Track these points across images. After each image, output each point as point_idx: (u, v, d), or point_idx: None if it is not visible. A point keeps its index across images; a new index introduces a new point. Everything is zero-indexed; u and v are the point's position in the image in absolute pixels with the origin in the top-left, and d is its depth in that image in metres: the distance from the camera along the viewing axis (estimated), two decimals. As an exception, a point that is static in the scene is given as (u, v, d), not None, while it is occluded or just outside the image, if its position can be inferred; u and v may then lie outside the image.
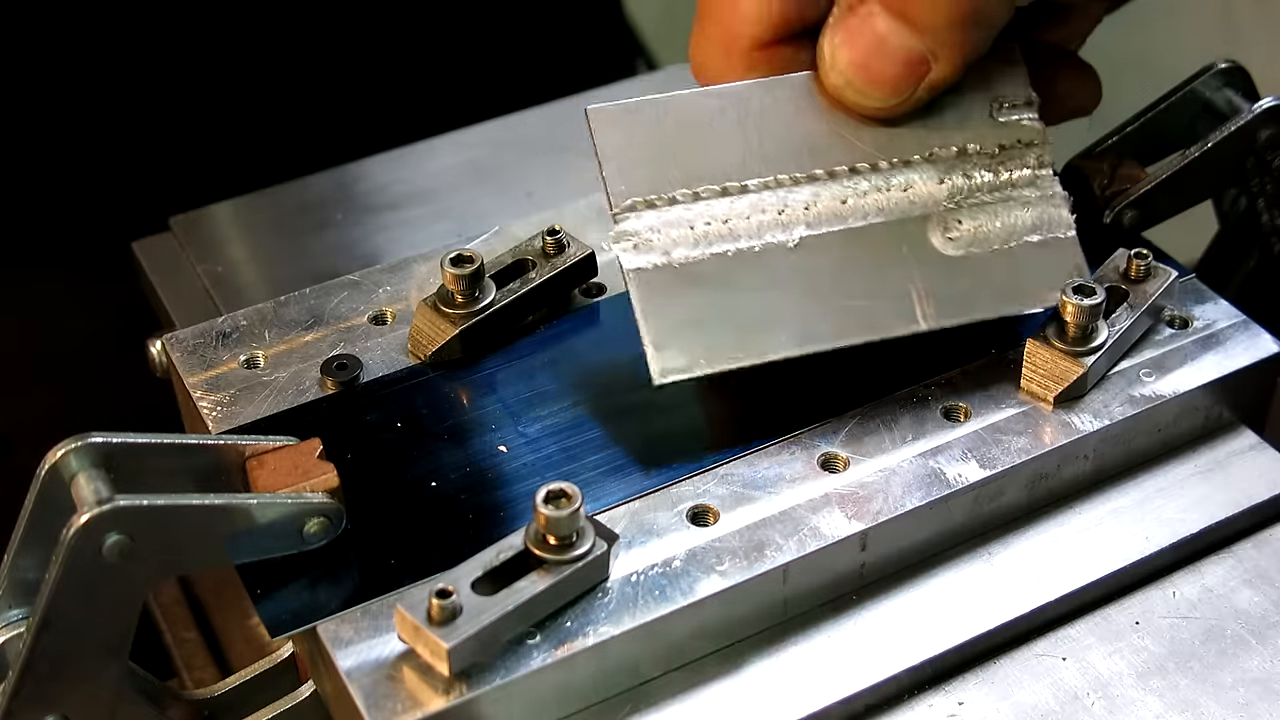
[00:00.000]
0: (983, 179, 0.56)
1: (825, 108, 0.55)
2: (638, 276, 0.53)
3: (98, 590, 0.47)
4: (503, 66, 1.03)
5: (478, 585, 0.47)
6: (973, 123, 0.56)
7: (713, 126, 0.55)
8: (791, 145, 0.55)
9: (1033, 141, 0.57)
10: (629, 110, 0.54)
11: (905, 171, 0.55)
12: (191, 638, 0.71)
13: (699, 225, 0.54)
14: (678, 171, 0.54)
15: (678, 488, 0.53)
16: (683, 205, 0.54)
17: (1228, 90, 0.63)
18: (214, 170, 0.92)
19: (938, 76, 0.54)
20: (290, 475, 0.51)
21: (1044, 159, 0.56)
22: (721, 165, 0.54)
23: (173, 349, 0.59)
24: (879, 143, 0.55)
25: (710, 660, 0.51)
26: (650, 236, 0.53)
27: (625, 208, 0.53)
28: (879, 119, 0.55)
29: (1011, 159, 0.56)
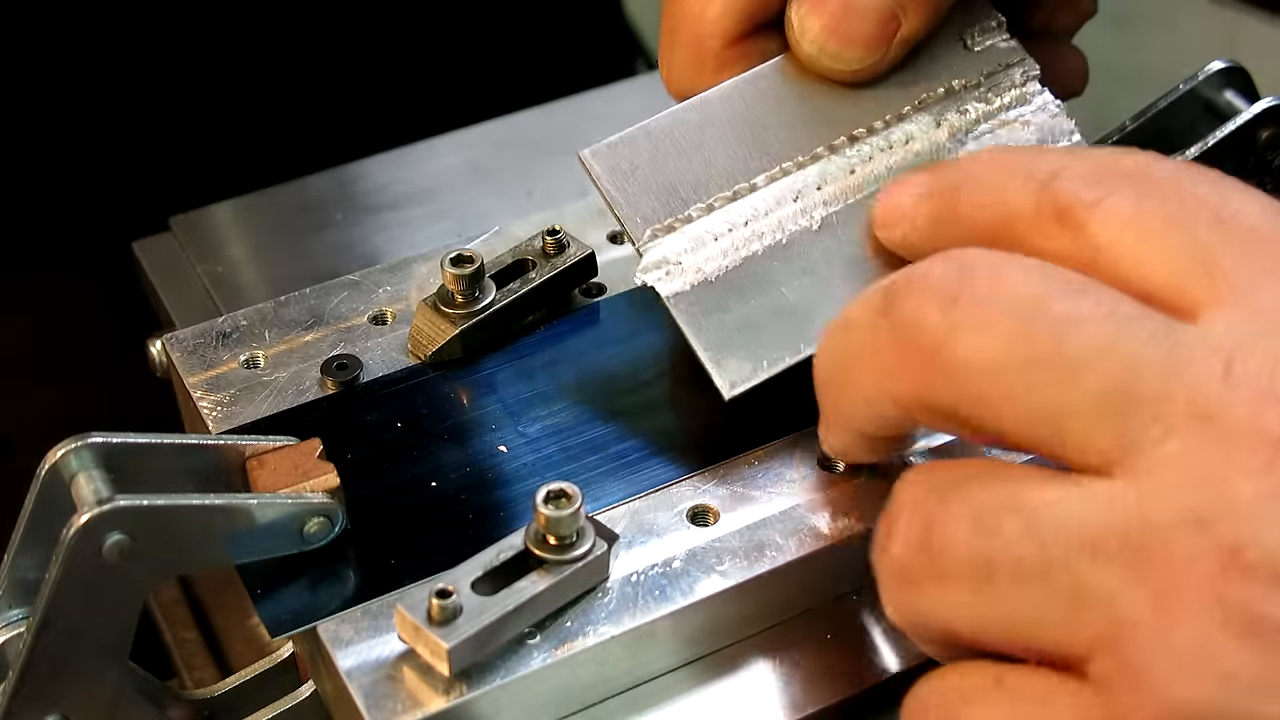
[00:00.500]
0: (977, 110, 0.56)
1: (807, 86, 0.55)
2: (678, 301, 0.53)
3: (98, 590, 0.47)
4: (503, 66, 1.03)
5: (478, 585, 0.47)
6: (950, 60, 0.56)
7: (705, 136, 0.55)
8: (786, 132, 0.55)
9: (1012, 61, 0.57)
10: (621, 144, 0.55)
11: (901, 125, 0.55)
12: (191, 638, 0.71)
13: (722, 235, 0.54)
14: (686, 189, 0.54)
15: (678, 488, 0.53)
16: (700, 220, 0.54)
17: (1228, 90, 0.63)
18: (214, 170, 0.92)
19: (908, 31, 0.54)
20: (290, 475, 0.51)
21: (1029, 73, 0.57)
22: (726, 171, 0.55)
23: (173, 349, 0.59)
24: (867, 106, 0.56)
25: (711, 660, 0.51)
26: (679, 259, 0.53)
27: (647, 239, 0.54)
28: (859, 82, 0.55)
29: (998, 83, 0.56)
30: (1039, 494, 0.40)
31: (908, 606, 0.43)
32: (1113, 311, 0.40)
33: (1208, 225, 0.41)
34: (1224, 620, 0.37)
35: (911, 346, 0.42)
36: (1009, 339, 0.40)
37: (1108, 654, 0.38)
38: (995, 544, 0.40)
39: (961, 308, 0.41)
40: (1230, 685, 0.36)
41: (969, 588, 0.40)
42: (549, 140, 0.75)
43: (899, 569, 0.42)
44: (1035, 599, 0.39)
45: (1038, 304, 0.40)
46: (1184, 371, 0.39)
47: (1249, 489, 0.37)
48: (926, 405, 0.42)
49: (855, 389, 0.45)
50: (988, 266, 0.42)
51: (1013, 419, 0.40)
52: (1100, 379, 0.39)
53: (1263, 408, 0.38)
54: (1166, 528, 0.38)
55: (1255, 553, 0.37)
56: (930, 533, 0.41)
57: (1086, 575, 0.38)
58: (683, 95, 0.56)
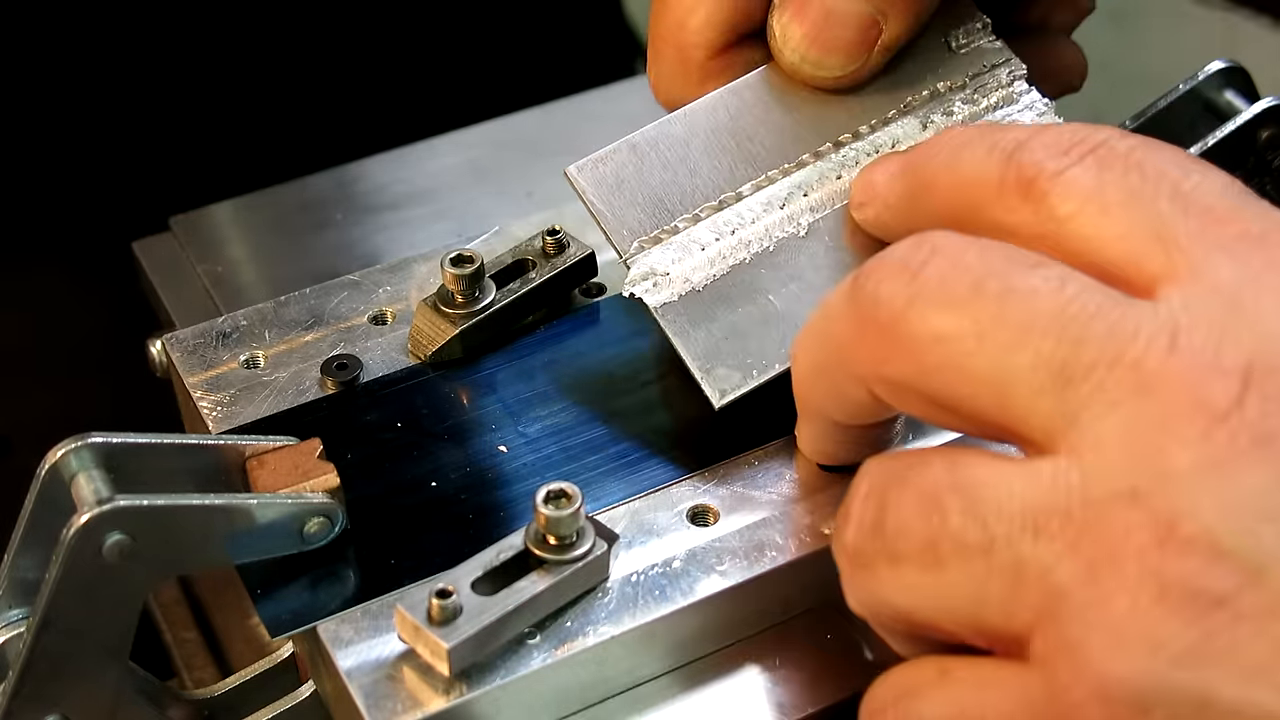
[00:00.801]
0: (964, 111, 0.56)
1: (791, 94, 0.56)
2: (666, 312, 0.53)
3: (98, 590, 0.47)
4: (503, 66, 1.03)
5: (478, 585, 0.47)
6: (935, 63, 0.57)
7: (691, 147, 0.55)
8: (772, 141, 0.55)
9: (998, 61, 0.57)
10: (606, 158, 0.55)
11: (887, 129, 0.56)
12: (191, 638, 0.71)
13: (709, 244, 0.54)
14: (672, 201, 0.55)
15: (678, 488, 0.53)
16: (687, 230, 0.54)
17: (1228, 90, 0.63)
18: (214, 170, 0.92)
19: (890, 37, 0.54)
20: (290, 475, 0.51)
21: (1015, 73, 0.57)
22: (712, 181, 0.55)
23: (173, 349, 0.59)
24: (852, 111, 0.56)
25: (711, 660, 0.51)
26: (666, 270, 0.54)
27: (634, 251, 0.54)
28: (842, 89, 0.55)
29: (984, 84, 0.56)
30: (983, 474, 0.40)
31: (865, 591, 0.43)
32: (1062, 284, 0.40)
33: (1169, 198, 0.42)
34: (1160, 594, 0.37)
35: (870, 321, 0.43)
36: (960, 309, 0.41)
37: (1046, 631, 0.38)
38: (939, 524, 0.40)
39: (919, 282, 0.42)
40: (1166, 658, 0.36)
41: (918, 569, 0.41)
42: (549, 140, 0.75)
43: (854, 554, 0.43)
44: (979, 578, 0.39)
45: (989, 276, 0.41)
46: (1129, 344, 0.39)
47: (1186, 460, 0.37)
48: (886, 379, 0.43)
49: (822, 373, 0.46)
50: (949, 245, 0.42)
51: (963, 390, 0.41)
52: (1043, 348, 0.39)
53: (1205, 379, 0.38)
54: (1104, 502, 0.38)
55: (1191, 525, 0.37)
56: (883, 516, 0.42)
57: (1027, 553, 0.39)
58: (670, 103, 0.57)
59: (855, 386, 0.45)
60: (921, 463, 0.42)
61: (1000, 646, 0.40)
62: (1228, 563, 0.36)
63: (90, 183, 0.94)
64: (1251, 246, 0.40)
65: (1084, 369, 0.39)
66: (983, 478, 0.40)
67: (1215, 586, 0.36)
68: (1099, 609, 0.37)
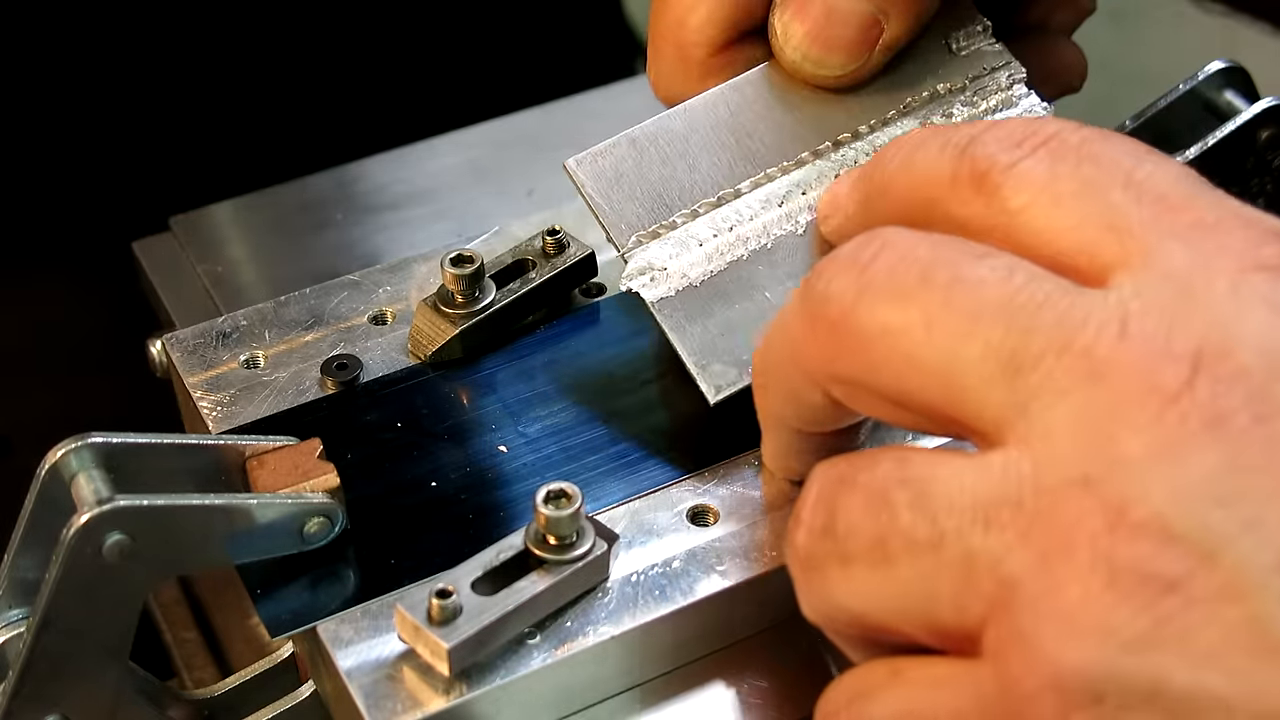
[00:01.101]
0: (963, 114, 0.56)
1: (792, 93, 0.56)
2: (662, 307, 0.53)
3: (98, 590, 0.47)
4: (503, 66, 1.03)
5: (478, 585, 0.47)
6: (935, 64, 0.57)
7: (690, 143, 0.55)
8: (771, 138, 0.55)
9: (998, 64, 0.57)
10: (605, 151, 0.55)
11: (886, 130, 0.56)
12: (191, 638, 0.71)
13: (707, 240, 0.54)
14: (671, 196, 0.54)
15: (678, 488, 0.53)
16: (685, 226, 0.54)
17: (1228, 90, 0.63)
18: (214, 170, 0.92)
19: (891, 36, 0.54)
20: (290, 475, 0.51)
21: (1015, 76, 0.57)
22: (711, 177, 0.55)
23: (173, 349, 0.59)
24: (852, 111, 0.56)
25: (711, 660, 0.51)
26: (664, 265, 0.54)
27: (631, 245, 0.54)
28: (843, 88, 0.55)
29: (984, 86, 0.56)
30: (932, 469, 0.40)
31: (817, 597, 0.42)
32: (1010, 273, 0.40)
33: (1121, 188, 0.41)
34: (1111, 580, 0.36)
35: (821, 318, 0.42)
36: (907, 301, 0.41)
37: (998, 623, 0.38)
38: (888, 521, 0.40)
39: (867, 276, 0.41)
40: (1118, 645, 0.36)
41: (869, 568, 0.40)
42: (549, 140, 0.75)
43: (806, 558, 0.42)
44: (930, 574, 0.39)
45: (937, 267, 0.41)
46: (1078, 332, 0.38)
47: (1136, 445, 0.37)
48: (838, 378, 0.43)
49: (778, 378, 0.46)
50: (898, 239, 0.42)
51: (912, 382, 0.40)
52: (992, 337, 0.39)
53: (1156, 364, 0.37)
54: (1055, 490, 0.37)
55: (1142, 510, 0.36)
56: (833, 518, 0.41)
57: (978, 546, 0.38)
58: (670, 100, 0.57)
59: (810, 389, 0.44)
60: (871, 462, 0.41)
61: (954, 645, 0.40)
62: (1179, 547, 0.36)
63: (90, 183, 0.94)
64: (1205, 234, 0.40)
65: (1033, 358, 0.39)
66: (932, 473, 0.40)
67: (1166, 571, 0.36)
68: (1051, 598, 0.37)
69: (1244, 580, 0.35)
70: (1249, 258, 0.39)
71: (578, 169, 0.55)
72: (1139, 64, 1.02)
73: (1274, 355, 0.37)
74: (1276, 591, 0.35)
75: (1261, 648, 0.35)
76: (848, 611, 0.42)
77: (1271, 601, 0.35)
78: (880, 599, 0.40)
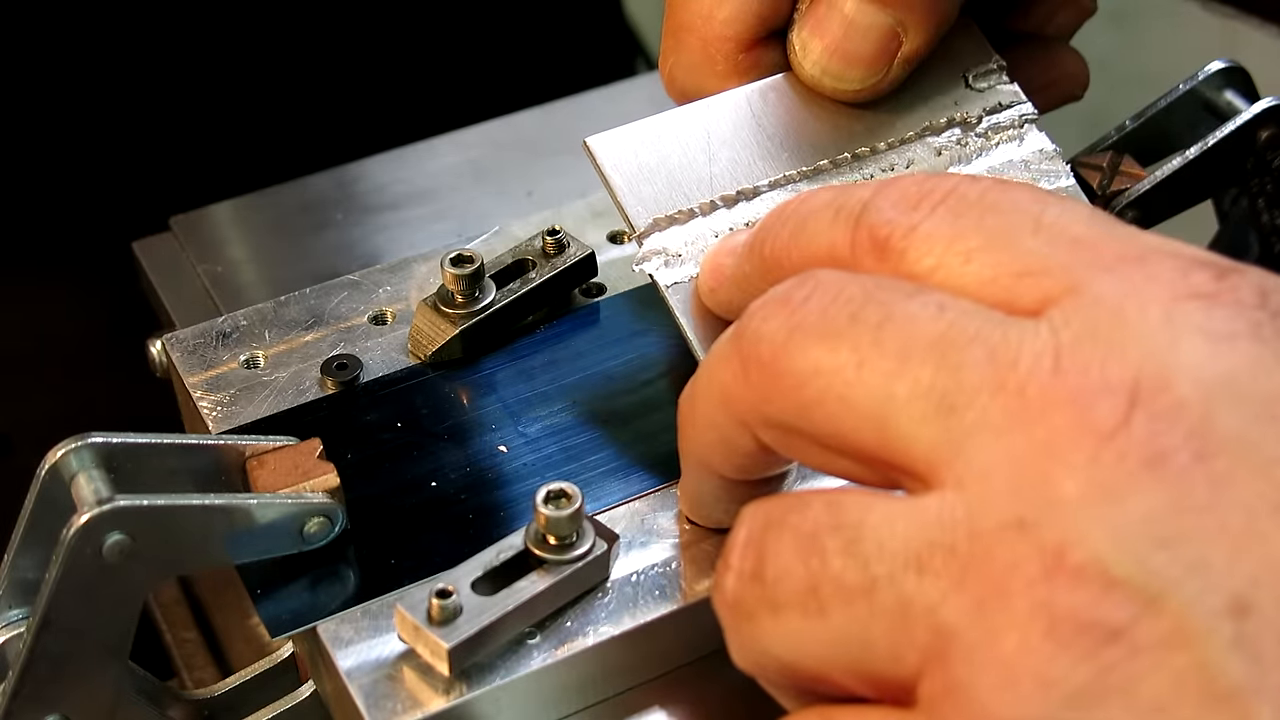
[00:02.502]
0: (976, 144, 0.56)
1: (813, 105, 0.56)
2: (675, 291, 0.53)
3: (98, 590, 0.47)
4: (503, 66, 1.03)
5: (478, 585, 0.47)
6: (954, 95, 0.57)
7: (711, 136, 0.55)
8: (792, 143, 0.55)
9: (1012, 102, 0.57)
10: (626, 134, 0.55)
11: (905, 149, 0.56)
12: (191, 638, 0.71)
13: (722, 233, 0.54)
14: (689, 185, 0.54)
15: (678, 488, 0.53)
16: (702, 218, 0.54)
17: (1228, 90, 0.63)
18: (214, 170, 0.92)
19: (910, 49, 0.53)
20: (290, 475, 0.51)
21: (1027, 117, 0.57)
22: (730, 172, 0.55)
23: (173, 349, 0.59)
24: (872, 128, 0.56)
25: (710, 660, 0.51)
26: (679, 251, 0.53)
27: (647, 228, 0.53)
28: (861, 103, 0.55)
29: (998, 123, 0.57)
30: (863, 512, 0.39)
31: (747, 644, 0.41)
32: (941, 310, 0.39)
33: (1030, 233, 0.40)
34: (1049, 628, 0.35)
35: (753, 360, 0.41)
36: (838, 339, 0.40)
37: (933, 674, 0.37)
38: (819, 566, 0.38)
39: (799, 316, 0.40)
40: (1059, 698, 0.34)
41: (801, 616, 0.39)
42: (549, 140, 0.75)
43: (735, 604, 0.41)
44: (862, 621, 0.38)
45: (868, 306, 0.40)
46: (1010, 369, 0.37)
47: (1072, 487, 0.36)
48: (767, 419, 0.42)
49: (703, 416, 0.44)
50: (830, 280, 0.41)
51: (845, 423, 0.39)
52: (922, 376, 0.38)
53: (1090, 399, 0.36)
54: (990, 534, 0.36)
55: (1080, 554, 0.35)
56: (763, 563, 0.40)
57: (912, 592, 0.37)
58: (685, 96, 0.56)
59: (740, 433, 0.43)
60: (800, 505, 0.40)
61: (890, 695, 0.38)
62: (1120, 592, 0.34)
63: (90, 183, 0.94)
64: (1130, 265, 0.39)
65: (966, 396, 0.37)
66: (863, 517, 0.38)
67: (1108, 618, 0.34)
68: (987, 647, 0.35)
69: (1190, 626, 0.34)
70: (1180, 286, 0.38)
71: (598, 146, 0.54)
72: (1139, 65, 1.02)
73: (1211, 387, 0.36)
74: (1225, 637, 0.34)
75: (1210, 696, 0.34)
76: (779, 660, 0.40)
77: (1220, 648, 0.34)
78: (812, 647, 0.39)
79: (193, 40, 0.95)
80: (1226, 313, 0.38)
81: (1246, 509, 0.35)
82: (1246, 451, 0.36)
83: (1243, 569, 0.34)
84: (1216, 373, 0.36)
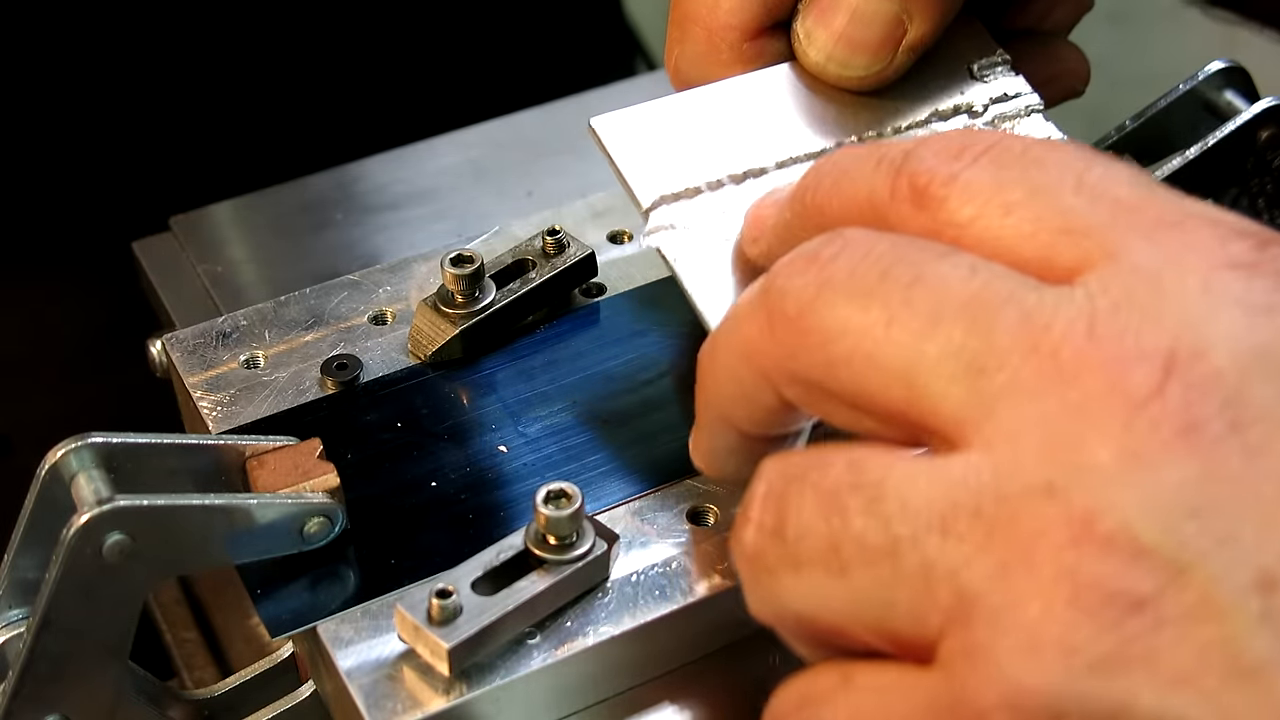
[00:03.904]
0: None
1: (819, 92, 0.55)
2: (681, 260, 0.52)
3: (98, 590, 0.47)
4: (503, 66, 1.03)
5: (478, 585, 0.47)
6: (959, 84, 0.57)
7: (716, 119, 0.55)
8: (797, 128, 0.55)
9: (1019, 92, 0.57)
10: (630, 115, 0.54)
11: (911, 136, 0.55)
12: (191, 638, 0.71)
13: (730, 209, 0.54)
14: (695, 164, 0.54)
15: (678, 488, 0.53)
16: (708, 194, 0.53)
17: (1228, 90, 0.63)
18: (214, 170, 0.92)
19: (915, 36, 0.53)
20: (290, 475, 0.51)
21: (1033, 107, 0.57)
22: (737, 152, 0.54)
23: (173, 349, 0.59)
24: (878, 115, 0.56)
25: (711, 660, 0.51)
26: (686, 225, 0.53)
27: (655, 202, 0.53)
28: (867, 90, 0.55)
29: (1005, 111, 0.56)
30: (886, 471, 0.38)
31: (766, 597, 0.41)
32: (973, 271, 0.39)
33: (1073, 191, 0.40)
34: (1073, 596, 0.34)
35: (779, 315, 0.41)
36: (868, 298, 0.39)
37: (955, 635, 0.36)
38: (841, 526, 0.38)
39: (828, 273, 0.40)
40: (1081, 666, 0.34)
41: (822, 574, 0.38)
42: (549, 140, 0.75)
43: (754, 557, 0.40)
44: (885, 581, 0.37)
45: (898, 266, 0.39)
46: (1044, 334, 0.37)
47: (1104, 453, 0.35)
48: (792, 375, 0.41)
49: (724, 369, 0.44)
50: (860, 238, 0.41)
51: (872, 382, 0.39)
52: (954, 336, 0.38)
53: (1125, 366, 0.36)
54: (1018, 498, 0.36)
55: (1109, 522, 0.35)
56: (783, 519, 0.39)
57: (935, 554, 0.36)
58: (689, 87, 0.56)
59: (763, 389, 0.42)
60: (822, 462, 0.39)
61: (910, 653, 0.38)
62: (1148, 562, 0.34)
63: (90, 183, 0.94)
64: (1169, 232, 0.38)
65: (998, 358, 0.37)
66: (886, 476, 0.38)
67: (1134, 588, 0.34)
68: (1010, 612, 0.35)
69: (1217, 599, 0.34)
70: (1218, 255, 0.38)
71: (601, 126, 0.54)
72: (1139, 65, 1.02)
73: (1248, 358, 0.36)
74: (1252, 612, 0.34)
75: (1234, 670, 0.34)
76: (797, 614, 0.40)
77: (1246, 623, 0.34)
78: (833, 604, 0.39)
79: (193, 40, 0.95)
80: (1266, 284, 0.37)
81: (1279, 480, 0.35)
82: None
83: (1273, 543, 0.34)
84: (1253, 344, 0.36)
